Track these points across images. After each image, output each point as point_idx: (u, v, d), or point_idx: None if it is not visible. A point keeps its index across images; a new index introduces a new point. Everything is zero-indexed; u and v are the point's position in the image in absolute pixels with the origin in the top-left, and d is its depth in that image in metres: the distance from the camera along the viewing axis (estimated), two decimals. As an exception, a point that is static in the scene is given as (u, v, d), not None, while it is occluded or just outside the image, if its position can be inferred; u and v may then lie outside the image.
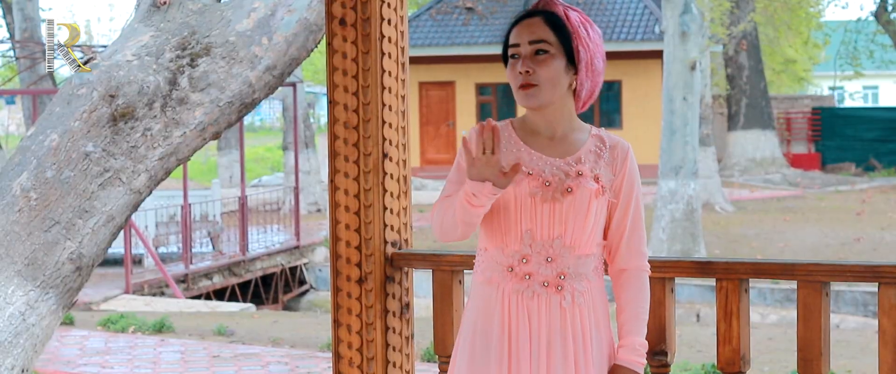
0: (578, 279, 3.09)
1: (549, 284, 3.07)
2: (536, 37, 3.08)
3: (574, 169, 3.08)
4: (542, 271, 3.07)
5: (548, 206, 3.06)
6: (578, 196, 3.06)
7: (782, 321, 15.31)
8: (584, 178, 3.07)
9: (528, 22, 3.11)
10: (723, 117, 31.80)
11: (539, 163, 3.09)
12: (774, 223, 21.12)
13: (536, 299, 3.07)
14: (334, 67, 3.93)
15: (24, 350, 4.72)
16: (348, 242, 3.93)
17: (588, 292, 3.10)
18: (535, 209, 3.06)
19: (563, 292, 3.07)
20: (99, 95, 4.87)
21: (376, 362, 3.93)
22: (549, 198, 3.06)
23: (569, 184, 3.06)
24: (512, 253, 3.09)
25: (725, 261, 3.55)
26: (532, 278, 3.07)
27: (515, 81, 3.08)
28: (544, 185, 3.06)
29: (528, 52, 3.08)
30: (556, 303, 3.07)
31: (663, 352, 3.62)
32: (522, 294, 3.08)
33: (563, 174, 3.07)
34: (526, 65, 3.06)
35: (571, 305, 3.08)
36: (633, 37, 28.48)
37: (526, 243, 3.07)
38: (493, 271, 3.11)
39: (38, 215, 4.76)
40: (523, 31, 3.10)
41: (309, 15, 5.20)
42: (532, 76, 3.06)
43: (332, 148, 3.94)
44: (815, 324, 3.44)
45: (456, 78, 29.88)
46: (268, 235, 20.51)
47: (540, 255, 3.07)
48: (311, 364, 9.29)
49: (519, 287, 3.08)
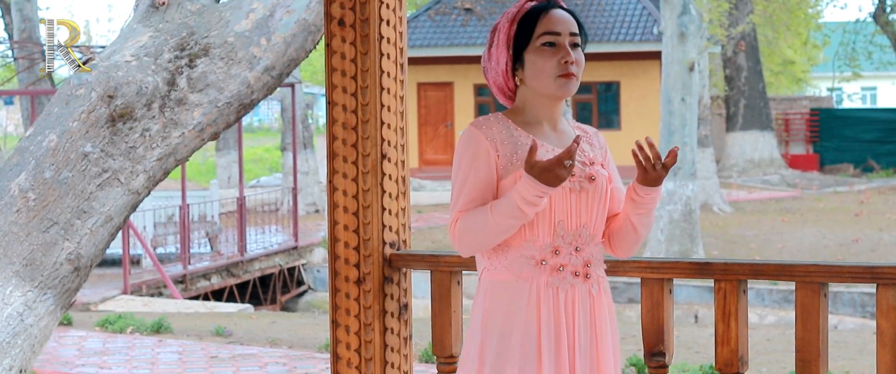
0: (598, 266, 3.14)
1: (579, 273, 3.09)
2: (575, 30, 3.12)
3: (587, 157, 3.13)
4: (572, 261, 3.08)
5: (575, 195, 3.08)
6: (599, 184, 3.11)
7: (780, 322, 15.31)
8: (596, 165, 3.13)
9: (561, 14, 3.12)
10: (721, 118, 31.80)
11: (555, 155, 3.04)
12: (773, 224, 21.12)
13: (570, 290, 3.08)
14: (333, 67, 3.93)
15: (22, 351, 4.72)
16: (347, 242, 3.93)
17: (604, 279, 3.16)
18: (567, 200, 3.07)
19: (590, 280, 3.10)
20: (97, 95, 4.87)
21: (374, 362, 3.93)
22: (577, 188, 3.08)
23: (589, 172, 3.11)
24: (543, 246, 3.06)
25: (724, 262, 3.56)
26: (565, 269, 3.08)
27: (557, 69, 3.07)
28: (571, 175, 3.04)
29: (570, 42, 3.10)
30: (585, 292, 3.09)
31: (661, 353, 3.62)
32: (556, 287, 3.07)
33: (581, 164, 3.11)
34: (571, 54, 3.09)
35: (599, 292, 3.12)
36: (632, 38, 28.48)
37: (558, 234, 3.07)
38: (522, 267, 3.06)
39: (36, 216, 4.76)
40: (562, 22, 3.11)
41: (307, 16, 5.20)
42: (575, 66, 3.09)
43: (330, 149, 3.94)
44: (814, 325, 3.45)
45: (454, 79, 29.86)
46: (266, 235, 20.50)
47: (570, 245, 3.08)
48: (309, 365, 9.29)
49: (552, 280, 3.06)
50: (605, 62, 28.30)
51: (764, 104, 30.54)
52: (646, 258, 3.70)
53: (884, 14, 32.25)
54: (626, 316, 15.88)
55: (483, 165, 3.04)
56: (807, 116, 33.05)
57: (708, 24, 21.99)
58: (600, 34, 28.47)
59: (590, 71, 29.21)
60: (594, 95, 29.48)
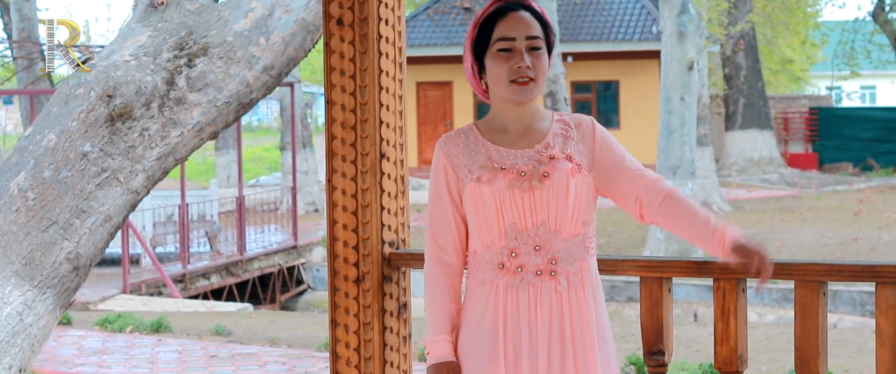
0: (570, 262, 3.10)
1: (543, 272, 3.08)
2: (532, 32, 3.10)
3: (545, 154, 3.10)
4: (532, 260, 3.08)
5: (527, 195, 3.07)
6: (556, 179, 3.07)
7: (780, 321, 15.31)
8: (557, 160, 3.09)
9: (517, 16, 3.11)
10: (720, 117, 31.80)
11: (510, 157, 3.11)
12: (772, 223, 21.12)
13: (531, 290, 3.08)
14: (332, 67, 3.93)
15: (22, 350, 4.72)
16: (346, 241, 3.93)
17: (582, 273, 3.11)
18: (515, 201, 3.07)
19: (558, 277, 3.09)
20: (96, 95, 4.87)
21: (374, 361, 3.93)
22: (527, 188, 3.07)
23: (544, 169, 3.08)
24: (499, 250, 3.10)
25: (723, 261, 3.55)
26: (524, 269, 3.09)
27: (511, 75, 3.08)
28: (519, 175, 3.07)
29: (525, 47, 3.09)
30: (551, 289, 3.08)
31: (660, 352, 3.62)
32: (517, 288, 3.09)
33: (536, 162, 3.09)
34: (526, 60, 3.07)
35: (567, 288, 3.09)
36: (631, 37, 28.48)
37: (511, 236, 3.08)
38: (484, 272, 3.12)
39: (35, 215, 4.76)
40: (517, 25, 3.10)
41: (306, 15, 5.20)
42: (530, 70, 3.07)
43: (329, 148, 3.94)
44: (813, 323, 3.45)
45: (453, 78, 29.86)
46: (265, 235, 20.51)
47: (527, 245, 3.08)
48: (308, 364, 9.29)
49: (512, 281, 3.09)
50: (605, 61, 28.31)
51: (763, 103, 30.54)
52: (645, 257, 3.70)
53: (882, 13, 32.25)
54: (625, 315, 15.88)
55: (443, 186, 3.17)
56: (806, 115, 33.05)
57: (707, 23, 22.00)
58: (599, 33, 28.48)
59: (589, 70, 29.24)
60: (593, 94, 29.49)
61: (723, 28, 24.55)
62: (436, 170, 3.18)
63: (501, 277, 3.10)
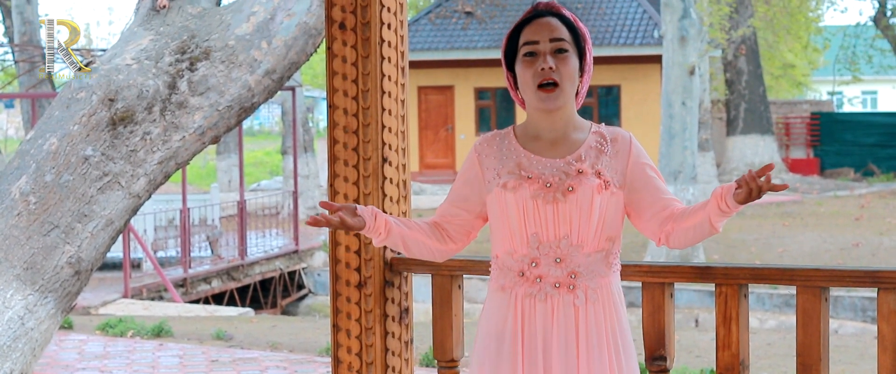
0: (591, 277, 3.09)
1: (561, 284, 3.08)
2: (557, 35, 3.09)
3: (574, 168, 3.08)
4: (552, 272, 3.08)
5: (551, 207, 3.06)
6: (581, 194, 3.05)
7: (781, 327, 15.30)
8: (584, 175, 3.07)
9: (543, 21, 3.11)
10: (722, 122, 31.79)
11: (538, 166, 3.10)
12: (773, 228, 21.11)
13: (549, 301, 3.08)
14: (334, 71, 3.93)
15: (23, 354, 4.71)
16: (348, 246, 3.92)
17: (602, 289, 3.10)
18: (539, 212, 3.06)
19: (576, 291, 3.07)
20: (98, 98, 4.87)
21: (375, 366, 3.93)
22: (551, 199, 3.06)
23: (570, 183, 3.06)
24: (521, 258, 3.09)
25: (724, 266, 3.56)
26: (543, 280, 3.08)
27: (536, 79, 3.07)
28: (545, 186, 3.06)
29: (549, 49, 3.08)
30: (568, 302, 3.07)
31: (662, 357, 3.62)
32: (534, 297, 3.08)
33: (563, 174, 3.08)
34: (549, 61, 3.06)
35: (585, 302, 3.08)
36: (633, 41, 28.49)
37: (533, 246, 3.08)
38: (505, 278, 3.13)
39: (36, 219, 4.76)
40: (541, 29, 3.10)
41: (308, 19, 5.20)
42: (555, 73, 3.06)
43: (331, 152, 3.94)
44: (814, 329, 3.44)
45: (455, 82, 29.87)
46: (266, 239, 20.49)
47: (548, 256, 3.07)
48: (310, 369, 9.28)
49: (531, 291, 3.09)
50: (606, 66, 28.29)
51: (764, 108, 30.53)
52: (646, 263, 3.69)
53: (884, 18, 32.24)
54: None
55: (465, 175, 3.21)
56: (807, 120, 33.04)
57: (708, 27, 22.00)
58: (601, 38, 28.48)
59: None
60: (595, 98, 29.49)
61: (724, 33, 24.54)
62: (466, 163, 3.22)
63: (520, 285, 3.10)
